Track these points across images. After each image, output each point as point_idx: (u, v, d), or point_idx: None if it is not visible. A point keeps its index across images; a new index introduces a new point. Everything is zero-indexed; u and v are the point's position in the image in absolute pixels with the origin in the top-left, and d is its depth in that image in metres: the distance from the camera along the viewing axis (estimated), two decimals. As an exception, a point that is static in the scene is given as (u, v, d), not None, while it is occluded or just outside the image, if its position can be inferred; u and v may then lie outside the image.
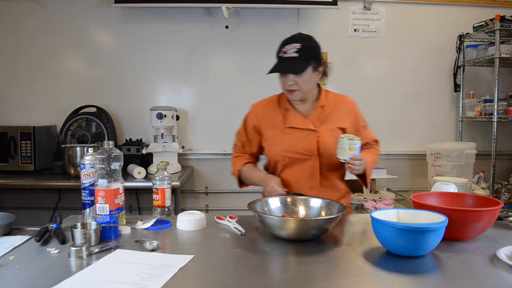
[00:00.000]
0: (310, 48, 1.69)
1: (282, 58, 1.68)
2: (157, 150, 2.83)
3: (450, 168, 2.87)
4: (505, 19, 2.81)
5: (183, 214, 1.49)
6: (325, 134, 1.73)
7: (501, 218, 1.53)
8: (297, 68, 1.66)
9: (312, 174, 1.74)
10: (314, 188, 1.74)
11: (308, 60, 1.67)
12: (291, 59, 1.65)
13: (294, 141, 1.73)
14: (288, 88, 1.70)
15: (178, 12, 3.15)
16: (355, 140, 1.59)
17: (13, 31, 3.12)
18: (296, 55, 1.65)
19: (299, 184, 1.75)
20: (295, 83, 1.68)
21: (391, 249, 1.20)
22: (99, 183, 1.41)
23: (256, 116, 1.83)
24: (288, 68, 1.67)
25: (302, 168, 1.74)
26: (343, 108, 1.82)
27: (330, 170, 1.77)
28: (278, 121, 1.79)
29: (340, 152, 1.61)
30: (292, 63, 1.66)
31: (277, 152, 1.75)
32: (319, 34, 3.21)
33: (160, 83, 3.22)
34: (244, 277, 1.06)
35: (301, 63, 1.66)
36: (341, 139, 1.60)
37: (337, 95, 1.88)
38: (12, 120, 3.14)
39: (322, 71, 1.76)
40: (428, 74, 3.32)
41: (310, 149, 1.72)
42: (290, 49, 1.66)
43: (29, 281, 1.01)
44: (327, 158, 1.73)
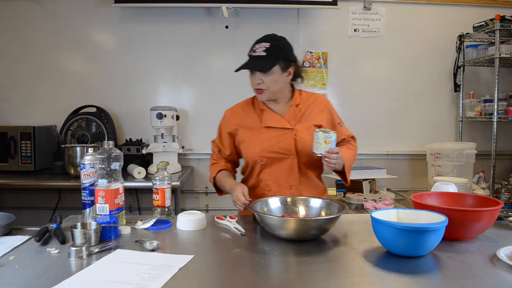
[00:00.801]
0: (278, 47, 1.69)
1: (251, 56, 1.70)
2: (157, 150, 2.83)
3: (450, 168, 2.87)
4: (505, 19, 2.81)
5: (183, 214, 1.49)
6: (302, 132, 1.73)
7: (501, 218, 1.53)
8: (262, 66, 1.66)
9: (291, 172, 1.74)
10: (294, 187, 1.74)
11: (275, 59, 1.67)
12: (259, 57, 1.66)
13: (271, 140, 1.73)
14: (256, 87, 1.71)
15: (178, 12, 3.15)
16: (330, 133, 1.59)
17: (13, 31, 3.12)
18: (264, 53, 1.66)
19: (278, 184, 1.74)
20: (263, 82, 1.68)
21: (391, 249, 1.20)
22: (99, 183, 1.41)
23: (229, 122, 1.83)
24: (254, 66, 1.68)
25: (281, 167, 1.74)
26: (317, 106, 1.82)
27: (309, 168, 1.78)
28: (254, 122, 1.78)
29: (316, 147, 1.61)
30: (259, 62, 1.66)
31: (255, 153, 1.74)
32: (319, 34, 3.28)
33: (160, 83, 3.22)
34: (244, 277, 1.06)
35: (268, 61, 1.66)
36: (316, 133, 1.60)
37: (310, 93, 1.88)
38: (12, 120, 3.14)
39: (292, 72, 1.75)
40: (428, 74, 3.32)
41: (288, 148, 1.71)
42: (259, 48, 1.67)
43: (29, 281, 1.01)
44: (305, 156, 1.73)
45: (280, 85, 1.72)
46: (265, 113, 1.77)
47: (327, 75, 3.27)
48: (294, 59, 1.75)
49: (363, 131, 3.30)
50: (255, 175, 1.78)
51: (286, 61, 1.70)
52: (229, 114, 1.86)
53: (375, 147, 3.31)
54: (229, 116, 1.85)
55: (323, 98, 1.88)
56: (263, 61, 1.66)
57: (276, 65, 1.66)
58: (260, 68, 1.67)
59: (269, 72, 1.66)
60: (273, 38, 1.72)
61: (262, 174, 1.76)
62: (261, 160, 1.74)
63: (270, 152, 1.72)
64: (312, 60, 3.24)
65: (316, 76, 3.26)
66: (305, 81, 3.21)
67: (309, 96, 1.86)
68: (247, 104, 1.86)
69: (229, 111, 1.87)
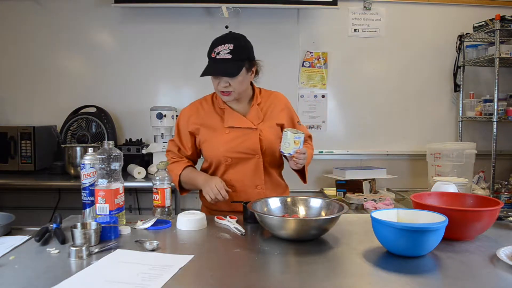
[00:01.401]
0: (242, 48, 1.65)
1: (215, 59, 1.63)
2: (157, 150, 2.83)
3: (450, 168, 2.87)
4: (505, 19, 2.81)
5: (183, 214, 1.49)
6: (266, 132, 1.73)
7: (501, 218, 1.53)
8: (231, 71, 1.61)
9: (256, 172, 1.72)
10: (259, 187, 1.73)
11: (241, 62, 1.63)
12: (224, 60, 1.61)
13: (235, 140, 1.70)
14: (222, 90, 1.66)
15: (178, 12, 3.15)
16: (299, 134, 1.59)
17: (13, 31, 3.12)
18: (229, 56, 1.61)
19: (243, 184, 1.73)
20: (230, 85, 1.64)
21: (391, 249, 1.20)
22: (99, 183, 1.41)
23: (188, 120, 1.78)
24: (222, 71, 1.62)
25: (246, 168, 1.72)
26: (278, 105, 1.81)
27: (272, 167, 1.78)
28: (216, 122, 1.75)
29: (285, 147, 1.60)
30: (225, 65, 1.61)
31: (219, 153, 1.71)
32: (319, 34, 3.28)
33: (160, 83, 3.23)
34: (244, 277, 1.06)
35: (235, 64, 1.62)
36: (286, 133, 1.59)
37: (269, 91, 1.86)
38: (12, 120, 3.14)
39: (255, 71, 1.74)
40: (428, 74, 3.32)
41: (253, 148, 1.70)
42: (223, 50, 1.61)
43: (29, 281, 1.01)
44: (270, 156, 1.73)
45: (246, 85, 1.71)
46: (227, 113, 1.74)
47: (327, 75, 3.27)
48: (254, 57, 1.73)
49: (363, 131, 3.32)
50: (219, 175, 1.75)
51: (250, 61, 1.68)
52: (188, 112, 1.80)
53: (375, 147, 3.31)
54: (188, 114, 1.79)
55: (282, 96, 1.87)
56: (229, 64, 1.61)
57: (243, 68, 1.63)
58: (229, 73, 1.62)
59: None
60: (234, 38, 1.67)
61: (227, 175, 1.74)
62: (226, 160, 1.71)
63: (235, 152, 1.70)
64: (312, 60, 3.24)
65: (316, 76, 3.26)
66: (305, 81, 3.24)
67: (269, 95, 1.84)
68: (206, 102, 1.81)
69: (188, 109, 1.82)
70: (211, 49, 1.67)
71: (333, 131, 3.31)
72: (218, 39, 1.68)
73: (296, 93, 3.25)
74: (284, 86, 3.28)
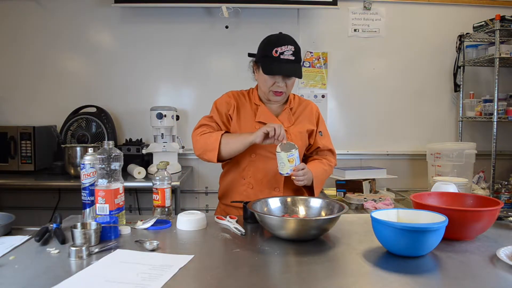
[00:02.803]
0: (299, 51, 1.71)
1: (278, 58, 1.64)
2: (157, 150, 2.83)
3: (450, 168, 2.87)
4: (505, 19, 2.81)
5: (183, 214, 1.49)
6: (295, 136, 1.74)
7: (501, 218, 1.53)
8: (299, 72, 1.66)
9: (276, 174, 1.71)
10: (277, 189, 1.73)
11: (300, 64, 1.69)
12: (288, 61, 1.64)
13: None
14: (277, 89, 1.68)
15: (178, 12, 3.15)
16: (292, 151, 1.57)
17: (13, 31, 3.12)
18: (292, 57, 1.64)
19: (262, 183, 1.73)
20: (286, 86, 1.68)
21: (391, 249, 1.20)
22: (99, 183, 1.41)
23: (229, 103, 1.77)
24: (292, 71, 1.66)
25: (268, 167, 1.72)
26: (309, 112, 1.83)
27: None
28: (249, 114, 1.76)
29: (281, 167, 1.60)
30: (292, 66, 1.65)
31: None
32: (319, 34, 3.28)
33: (160, 83, 3.23)
34: (244, 277, 1.06)
35: (298, 66, 1.67)
36: (278, 154, 1.58)
37: (303, 99, 1.89)
38: (12, 120, 3.14)
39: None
40: (428, 74, 3.32)
41: None
42: (287, 51, 1.64)
43: (29, 281, 1.01)
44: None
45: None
46: (261, 109, 1.76)
47: (327, 75, 3.27)
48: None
49: (363, 131, 3.32)
50: (240, 170, 1.75)
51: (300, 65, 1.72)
52: (229, 96, 1.80)
53: (375, 147, 3.31)
54: (228, 97, 1.79)
55: (314, 106, 1.89)
56: (294, 65, 1.65)
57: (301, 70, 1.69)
58: (297, 74, 1.66)
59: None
60: (293, 40, 1.71)
61: (248, 171, 1.74)
62: (250, 155, 1.71)
63: (260, 148, 1.71)
64: (312, 60, 3.24)
65: (316, 76, 3.26)
66: (305, 81, 3.24)
67: (302, 101, 1.86)
68: (243, 95, 1.84)
69: (229, 94, 1.82)
70: (270, 47, 1.65)
71: (333, 131, 3.28)
72: (279, 38, 1.68)
73: (296, 93, 3.23)
74: (284, 86, 3.29)
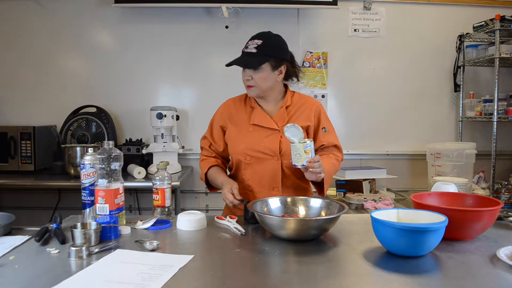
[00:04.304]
0: (270, 45, 1.69)
1: (243, 52, 1.71)
2: (157, 150, 2.83)
3: (450, 168, 2.87)
4: (505, 19, 2.81)
5: (183, 214, 1.49)
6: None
7: (501, 218, 1.53)
8: (251, 63, 1.66)
9: (274, 174, 1.71)
10: (276, 189, 1.72)
11: (265, 57, 1.66)
12: (250, 54, 1.67)
13: (257, 139, 1.71)
14: (245, 83, 1.71)
15: (178, 12, 3.15)
16: (308, 142, 1.53)
17: (13, 31, 3.12)
18: (254, 50, 1.66)
19: (260, 184, 1.73)
20: (252, 79, 1.68)
21: (391, 249, 1.20)
22: (99, 183, 1.41)
23: (222, 115, 1.83)
24: (243, 62, 1.68)
25: (264, 168, 1.72)
26: (307, 108, 1.79)
27: (293, 171, 1.73)
28: (243, 119, 1.78)
29: (296, 159, 1.53)
30: (248, 57, 1.67)
31: (240, 150, 1.73)
32: (319, 34, 3.28)
33: (160, 83, 3.23)
34: (244, 277, 1.06)
35: (258, 59, 1.66)
36: (293, 145, 1.53)
37: (303, 96, 1.86)
38: (12, 120, 3.14)
39: (284, 71, 1.74)
40: (428, 74, 3.32)
41: (273, 149, 1.70)
42: (251, 45, 1.67)
43: (29, 281, 1.01)
44: (289, 159, 1.68)
45: (270, 83, 1.71)
46: (255, 111, 1.77)
47: (327, 75, 3.27)
48: (286, 58, 1.74)
49: (363, 131, 3.32)
50: (239, 173, 1.77)
51: (277, 60, 1.69)
52: (221, 108, 1.86)
53: (375, 147, 3.31)
54: (221, 110, 1.85)
55: (314, 102, 1.84)
56: (253, 58, 1.66)
57: (265, 63, 1.66)
58: (248, 64, 1.67)
59: (259, 69, 1.66)
60: (266, 36, 1.71)
61: (245, 174, 1.75)
62: (245, 158, 1.72)
63: (254, 150, 1.71)
64: (312, 60, 3.24)
65: (316, 76, 3.26)
66: (305, 81, 3.24)
67: (301, 98, 1.83)
68: (240, 100, 1.84)
69: (223, 105, 1.87)
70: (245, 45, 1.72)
71: (333, 131, 3.30)
72: (254, 35, 1.73)
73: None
74: (284, 86, 3.29)
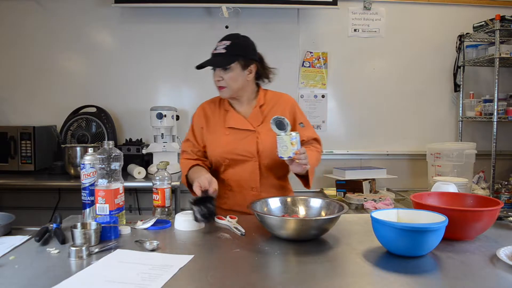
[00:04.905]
0: (238, 45, 1.70)
1: (212, 54, 1.72)
2: (157, 150, 2.83)
3: (450, 168, 2.87)
4: (505, 19, 2.81)
5: (181, 214, 1.49)
6: (264, 134, 1.72)
7: (501, 218, 1.53)
8: (220, 62, 1.68)
9: (252, 175, 1.72)
10: (254, 189, 1.73)
11: (234, 57, 1.67)
12: (219, 54, 1.68)
13: (234, 142, 1.72)
14: (217, 84, 1.72)
15: (178, 12, 3.15)
16: (294, 134, 1.52)
17: (13, 31, 3.12)
18: (223, 51, 1.67)
19: (239, 185, 1.74)
20: (223, 79, 1.69)
21: (391, 249, 1.20)
22: (99, 183, 1.41)
23: (199, 118, 1.83)
24: (212, 62, 1.70)
25: (243, 169, 1.73)
26: (281, 105, 1.79)
27: (271, 170, 1.75)
28: (219, 122, 1.78)
29: (283, 151, 1.52)
30: (218, 58, 1.68)
31: (217, 153, 1.74)
32: (319, 34, 3.28)
33: (160, 83, 3.23)
34: (244, 277, 1.06)
35: (227, 58, 1.67)
36: (280, 137, 1.52)
37: (276, 93, 1.86)
38: (12, 120, 3.14)
39: (254, 71, 1.75)
40: (428, 74, 3.32)
41: (250, 150, 1.70)
42: (220, 46, 1.69)
43: (29, 281, 1.01)
44: (267, 159, 1.71)
45: (240, 83, 1.72)
46: (229, 114, 1.77)
47: (327, 75, 3.27)
48: (255, 58, 1.75)
49: (363, 131, 3.32)
50: (219, 174, 1.78)
51: (246, 59, 1.70)
52: (199, 111, 1.86)
53: (375, 147, 3.31)
54: (198, 112, 1.85)
55: (288, 98, 1.85)
56: (222, 58, 1.68)
57: (234, 62, 1.67)
58: (217, 64, 1.69)
59: (228, 69, 1.67)
60: (234, 37, 1.73)
61: (225, 175, 1.76)
62: (223, 161, 1.74)
63: (231, 154, 1.72)
64: (312, 60, 3.24)
65: (316, 76, 3.26)
66: (305, 81, 3.24)
67: (274, 96, 1.84)
68: (213, 102, 1.85)
69: (199, 108, 1.87)
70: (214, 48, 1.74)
71: (333, 131, 3.31)
72: (222, 38, 1.74)
73: (296, 93, 3.25)
74: (284, 86, 3.25)
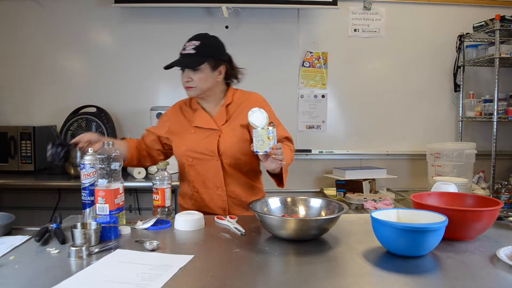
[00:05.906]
0: (208, 46, 1.70)
1: (181, 54, 1.72)
2: (157, 150, 2.82)
3: (450, 168, 2.87)
4: (505, 19, 2.81)
5: (181, 214, 1.49)
6: (226, 134, 1.72)
7: (501, 218, 1.53)
8: (190, 63, 1.68)
9: (215, 174, 1.71)
10: (220, 189, 1.73)
11: (204, 58, 1.68)
12: (188, 55, 1.68)
13: (197, 141, 1.73)
14: (185, 84, 1.71)
15: (178, 12, 3.15)
16: (271, 128, 1.47)
17: (13, 31, 3.12)
18: (193, 51, 1.67)
19: (204, 184, 1.74)
20: (192, 80, 1.69)
21: (391, 249, 1.20)
22: (99, 183, 1.41)
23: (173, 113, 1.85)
24: (182, 63, 1.69)
25: (206, 168, 1.73)
26: (249, 105, 1.72)
27: (237, 169, 1.73)
28: (187, 121, 1.79)
29: (259, 145, 1.47)
30: (188, 59, 1.68)
31: (181, 152, 1.75)
32: (319, 34, 3.28)
33: (160, 83, 3.22)
34: (244, 277, 1.06)
35: (196, 59, 1.67)
36: (256, 131, 1.48)
37: (245, 92, 1.85)
38: (12, 120, 3.14)
39: (223, 72, 1.75)
40: (428, 74, 3.32)
41: (211, 149, 1.70)
42: (189, 46, 1.69)
43: (29, 281, 1.01)
44: (230, 158, 1.70)
45: (210, 83, 1.71)
46: (197, 113, 1.78)
47: (327, 75, 3.27)
48: (224, 59, 1.75)
49: (363, 131, 3.32)
50: (185, 175, 1.79)
51: (215, 60, 1.71)
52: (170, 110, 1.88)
53: (375, 147, 3.31)
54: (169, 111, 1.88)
55: (257, 96, 1.83)
56: (192, 58, 1.67)
57: (204, 63, 1.67)
58: (186, 65, 1.68)
59: (198, 70, 1.67)
60: (203, 37, 1.73)
61: (190, 175, 1.76)
62: (187, 160, 1.74)
63: (194, 152, 1.72)
64: (312, 60, 3.24)
65: (316, 76, 3.26)
66: (305, 81, 3.24)
67: (243, 95, 1.82)
68: (185, 103, 1.86)
69: (172, 107, 1.89)
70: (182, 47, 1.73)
71: (333, 131, 3.31)
72: (190, 37, 1.74)
73: (296, 93, 3.26)
74: (284, 86, 3.29)
